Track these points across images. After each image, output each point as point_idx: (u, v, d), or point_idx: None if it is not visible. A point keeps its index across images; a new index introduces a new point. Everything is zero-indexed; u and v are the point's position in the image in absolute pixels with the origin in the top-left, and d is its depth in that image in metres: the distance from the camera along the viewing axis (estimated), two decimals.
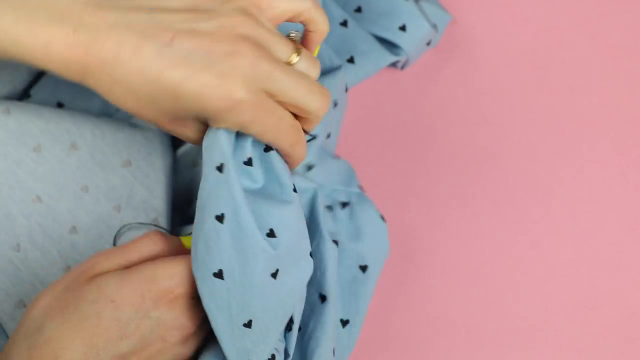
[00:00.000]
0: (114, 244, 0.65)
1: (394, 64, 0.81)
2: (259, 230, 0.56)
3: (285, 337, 0.62)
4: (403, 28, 0.78)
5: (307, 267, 0.60)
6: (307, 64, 0.57)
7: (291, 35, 0.59)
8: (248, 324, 0.57)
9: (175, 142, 0.73)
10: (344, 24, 0.78)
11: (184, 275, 0.57)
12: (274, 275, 0.58)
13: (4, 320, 0.67)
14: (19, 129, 0.69)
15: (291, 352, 0.62)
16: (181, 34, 0.54)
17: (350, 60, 0.77)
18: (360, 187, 0.71)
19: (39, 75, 0.75)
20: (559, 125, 0.81)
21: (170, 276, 0.57)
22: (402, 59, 0.80)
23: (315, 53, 0.61)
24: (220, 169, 0.56)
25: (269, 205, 0.58)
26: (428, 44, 0.80)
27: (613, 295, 0.76)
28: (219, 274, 0.56)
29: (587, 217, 0.78)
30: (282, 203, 0.58)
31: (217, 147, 0.56)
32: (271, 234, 0.57)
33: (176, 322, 0.57)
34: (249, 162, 0.58)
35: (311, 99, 0.56)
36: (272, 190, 0.59)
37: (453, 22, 0.83)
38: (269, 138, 0.57)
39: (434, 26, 0.80)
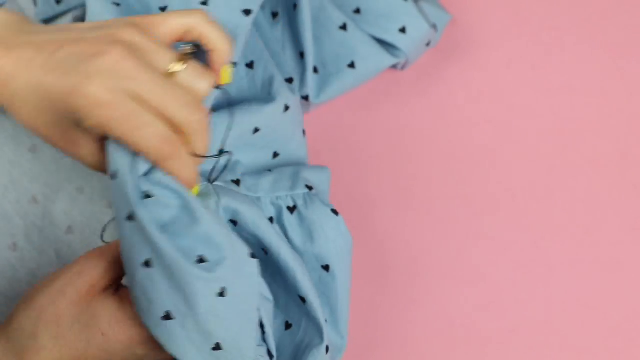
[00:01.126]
0: (102, 238, 0.65)
1: (393, 65, 0.81)
2: (187, 261, 0.56)
3: (264, 340, 0.63)
4: (403, 30, 0.78)
5: (252, 270, 0.59)
6: (190, 77, 0.56)
7: (183, 47, 0.58)
8: (217, 347, 0.57)
9: None
10: (344, 27, 0.78)
11: None
12: (222, 294, 0.57)
13: (1, 320, 0.67)
14: (14, 130, 0.69)
15: (274, 351, 0.62)
16: (67, 43, 0.55)
17: (351, 66, 0.77)
18: (308, 187, 0.70)
19: None
20: (559, 125, 0.81)
21: None
22: (401, 60, 0.79)
23: (225, 77, 0.59)
24: (130, 217, 0.56)
25: (187, 231, 0.58)
26: (428, 44, 0.80)
27: (613, 295, 0.76)
28: (167, 316, 0.57)
29: (587, 217, 0.78)
30: (197, 223, 0.58)
31: (122, 197, 0.56)
32: (201, 260, 0.57)
33: (160, 357, 0.59)
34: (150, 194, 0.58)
35: (180, 111, 0.55)
36: (184, 214, 0.59)
37: (453, 21, 0.83)
38: (130, 143, 0.55)
39: (434, 26, 0.80)
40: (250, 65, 0.71)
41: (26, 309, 0.58)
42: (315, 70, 0.77)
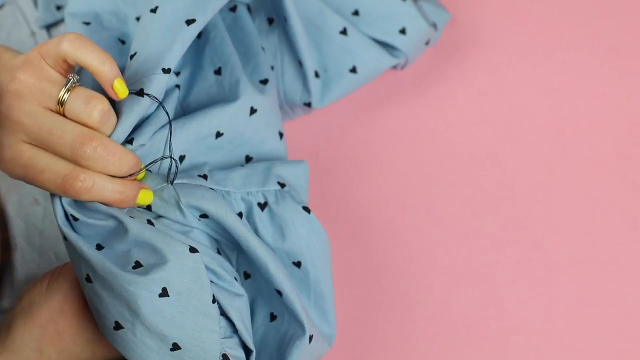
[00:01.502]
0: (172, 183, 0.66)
1: (393, 65, 0.81)
2: (120, 269, 0.57)
3: (236, 333, 0.62)
4: (403, 31, 0.77)
5: (195, 265, 0.59)
6: (77, 103, 0.57)
7: (70, 76, 0.59)
8: (175, 347, 0.58)
9: None
10: (344, 32, 0.77)
11: None
12: (164, 294, 0.58)
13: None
14: None
15: (251, 346, 0.62)
16: None
17: (353, 70, 0.77)
18: (280, 184, 0.69)
19: None
20: (559, 125, 0.81)
21: None
22: (401, 61, 0.79)
23: (120, 92, 0.59)
24: (65, 237, 0.59)
25: (120, 241, 0.60)
26: (427, 43, 0.80)
27: (613, 295, 0.76)
28: (117, 326, 0.58)
29: (587, 217, 0.78)
30: (127, 232, 0.59)
31: (56, 219, 0.59)
32: (137, 264, 0.58)
33: None
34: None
35: (67, 147, 0.57)
36: (114, 228, 0.60)
37: (453, 21, 0.83)
38: (41, 187, 0.58)
39: (433, 25, 0.79)
40: (218, 71, 0.71)
41: (26, 325, 0.59)
42: (317, 74, 0.77)
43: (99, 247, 0.60)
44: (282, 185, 0.69)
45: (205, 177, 0.66)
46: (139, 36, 0.63)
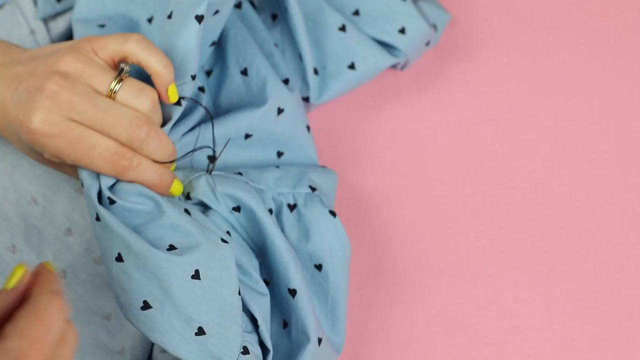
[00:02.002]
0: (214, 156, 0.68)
1: (393, 65, 0.81)
2: (158, 250, 0.59)
3: (256, 331, 0.63)
4: (402, 31, 0.77)
5: (226, 255, 0.61)
6: (128, 95, 0.61)
7: (123, 66, 0.62)
8: (200, 331, 0.59)
9: None
10: (343, 28, 0.77)
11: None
12: (196, 276, 0.59)
13: None
14: None
15: (269, 345, 0.63)
16: (25, 77, 0.61)
17: (351, 67, 0.77)
18: (311, 187, 0.71)
19: None
20: (559, 125, 0.81)
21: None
22: (401, 60, 0.79)
23: (172, 96, 0.63)
24: (97, 218, 0.60)
25: (155, 225, 0.61)
26: (427, 44, 0.80)
27: (613, 295, 0.76)
28: (145, 306, 0.58)
29: (587, 217, 0.78)
30: (164, 215, 0.61)
31: (88, 199, 0.61)
32: (171, 247, 0.60)
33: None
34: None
35: (120, 129, 0.60)
36: (152, 211, 0.62)
37: (453, 21, 0.83)
38: (85, 165, 0.61)
39: (433, 26, 0.80)
40: (244, 72, 0.73)
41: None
42: (315, 71, 0.77)
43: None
44: (314, 189, 0.71)
45: (240, 174, 0.68)
46: (161, 44, 0.66)
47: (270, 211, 0.68)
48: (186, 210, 0.64)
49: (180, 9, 0.65)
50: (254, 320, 0.63)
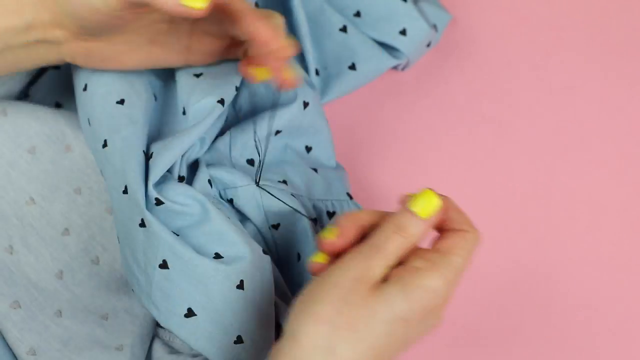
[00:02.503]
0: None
1: (394, 66, 0.81)
2: (205, 258, 0.59)
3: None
4: (403, 32, 0.77)
5: (267, 265, 0.62)
6: None
7: None
8: (239, 340, 0.59)
9: None
10: (344, 29, 0.77)
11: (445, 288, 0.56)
12: (240, 286, 0.59)
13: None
14: (14, 130, 0.69)
15: None
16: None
17: (352, 67, 0.77)
18: (349, 195, 0.72)
19: (37, 75, 0.75)
20: (559, 125, 0.81)
21: (445, 285, 0.56)
22: (402, 62, 0.79)
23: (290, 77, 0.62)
24: (142, 224, 0.60)
25: (202, 231, 0.61)
26: (428, 45, 0.80)
27: (613, 295, 0.76)
28: (189, 313, 0.59)
29: (588, 217, 0.78)
30: (210, 222, 0.61)
31: (134, 204, 0.60)
32: (217, 256, 0.60)
33: (437, 323, 0.58)
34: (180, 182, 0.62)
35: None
36: (198, 216, 0.62)
37: (453, 21, 0.83)
38: None
39: (434, 27, 0.79)
40: None
41: (311, 323, 0.54)
42: (317, 72, 0.77)
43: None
44: (351, 196, 0.72)
45: (285, 182, 0.69)
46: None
47: (315, 221, 0.69)
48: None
49: None
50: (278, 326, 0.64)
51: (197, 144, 0.66)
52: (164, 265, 0.59)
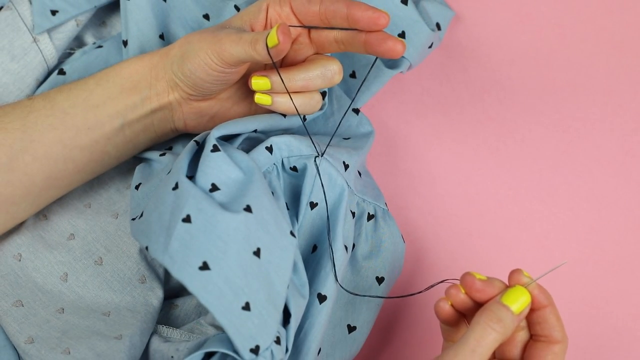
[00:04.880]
0: None
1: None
2: (228, 212, 0.60)
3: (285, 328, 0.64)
4: (402, 35, 0.77)
5: (289, 246, 0.62)
6: None
7: None
8: (246, 307, 0.59)
9: None
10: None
11: None
12: (257, 253, 0.60)
13: (0, 315, 0.69)
14: None
15: (290, 346, 0.63)
16: None
17: (352, 75, 0.78)
18: (386, 205, 0.73)
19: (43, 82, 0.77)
20: (562, 123, 0.80)
21: None
22: (404, 69, 0.79)
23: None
24: (175, 187, 0.62)
25: (240, 192, 0.63)
26: (430, 46, 0.80)
27: (614, 295, 0.76)
28: (204, 266, 0.59)
29: (591, 216, 0.78)
30: (249, 183, 0.63)
31: (173, 173, 0.63)
32: (248, 209, 0.61)
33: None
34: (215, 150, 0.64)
35: None
36: (246, 172, 0.64)
37: (455, 20, 0.83)
38: None
39: (435, 29, 0.79)
40: None
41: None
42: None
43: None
44: (387, 208, 0.74)
45: (347, 166, 0.70)
46: None
47: (353, 214, 0.70)
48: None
49: None
50: (286, 318, 0.64)
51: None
52: (187, 219, 0.60)
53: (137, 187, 0.70)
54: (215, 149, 0.63)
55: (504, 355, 0.61)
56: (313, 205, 0.68)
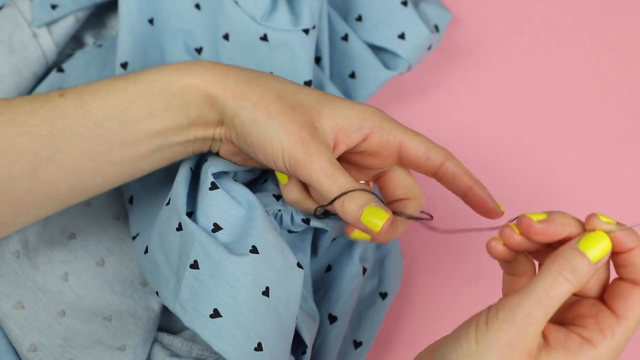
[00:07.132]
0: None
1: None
2: (235, 256, 0.59)
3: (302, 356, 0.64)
4: (402, 36, 0.77)
5: (297, 279, 0.62)
6: None
7: None
8: (259, 347, 0.60)
9: None
10: (345, 38, 0.78)
11: None
12: (266, 292, 0.60)
13: (1, 318, 0.68)
14: None
15: None
16: None
17: (352, 76, 0.78)
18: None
19: (42, 79, 0.76)
20: (560, 125, 0.81)
21: (614, 352, 0.51)
22: (403, 71, 0.79)
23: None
24: (179, 228, 0.61)
25: (243, 232, 0.62)
26: (429, 48, 0.80)
27: None
28: (215, 314, 0.59)
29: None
30: (251, 220, 0.62)
31: (174, 211, 0.62)
32: (254, 250, 0.60)
33: None
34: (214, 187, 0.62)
35: None
36: (247, 210, 0.63)
37: (454, 21, 0.83)
38: None
39: (434, 30, 0.79)
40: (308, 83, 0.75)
41: None
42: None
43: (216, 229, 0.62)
44: None
45: None
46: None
47: None
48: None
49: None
50: (300, 345, 0.64)
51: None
52: (194, 265, 0.60)
53: (130, 201, 0.69)
54: (213, 186, 0.62)
55: (579, 292, 0.52)
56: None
